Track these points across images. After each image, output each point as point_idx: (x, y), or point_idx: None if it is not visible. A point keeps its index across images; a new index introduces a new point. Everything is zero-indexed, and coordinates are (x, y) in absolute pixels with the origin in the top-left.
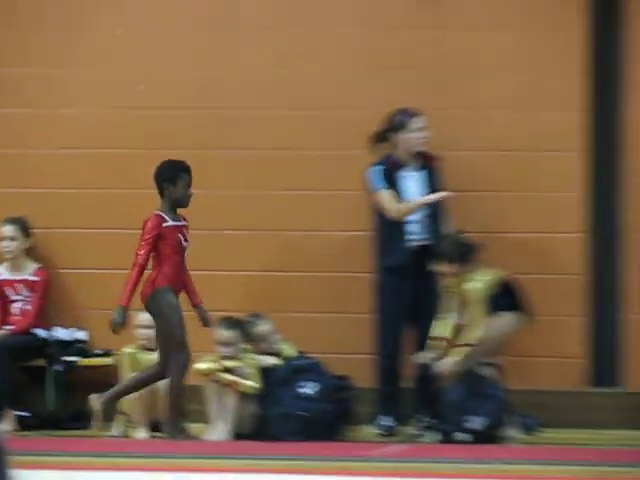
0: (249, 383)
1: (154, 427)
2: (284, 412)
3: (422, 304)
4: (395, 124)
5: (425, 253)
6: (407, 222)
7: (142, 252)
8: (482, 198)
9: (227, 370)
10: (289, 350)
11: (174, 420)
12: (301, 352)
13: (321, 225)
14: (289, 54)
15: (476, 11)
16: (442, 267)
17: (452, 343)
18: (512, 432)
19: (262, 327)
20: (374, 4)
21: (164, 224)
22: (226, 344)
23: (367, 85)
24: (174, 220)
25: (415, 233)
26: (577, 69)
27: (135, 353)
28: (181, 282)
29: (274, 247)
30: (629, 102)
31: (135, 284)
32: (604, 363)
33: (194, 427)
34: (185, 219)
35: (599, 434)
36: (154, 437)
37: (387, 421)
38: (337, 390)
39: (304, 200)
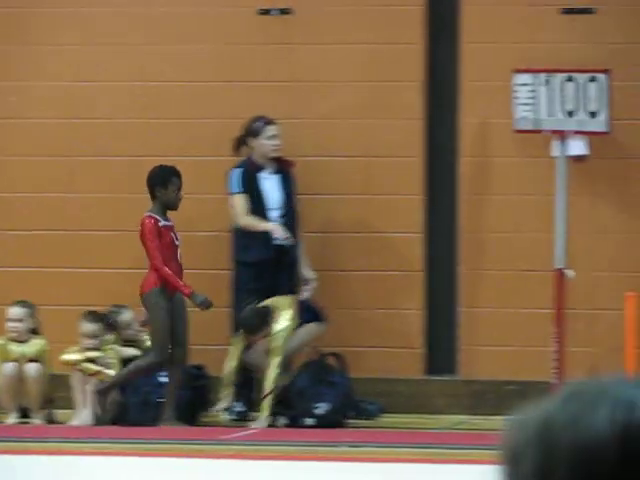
0: (111, 372)
1: (23, 413)
2: (144, 399)
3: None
4: (252, 130)
5: (281, 252)
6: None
7: (156, 253)
8: (331, 201)
9: (91, 360)
10: (147, 342)
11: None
12: None
13: (186, 226)
14: (146, 68)
15: (323, 27)
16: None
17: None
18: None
19: (124, 316)
20: (228, 21)
21: (159, 224)
22: (90, 336)
23: (223, 97)
24: (167, 221)
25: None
26: (416, 81)
27: (5, 345)
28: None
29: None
30: (463, 112)
31: (174, 276)
32: (441, 353)
33: (61, 413)
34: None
35: (436, 419)
36: (23, 422)
37: (239, 406)
38: (193, 378)
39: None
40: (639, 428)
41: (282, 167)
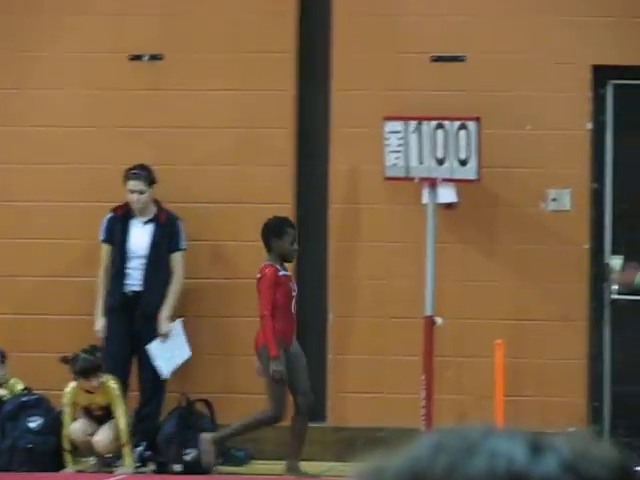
0: None
1: None
2: (11, 444)
3: (139, 345)
4: (124, 178)
5: (139, 298)
6: (125, 269)
7: (267, 304)
8: (202, 247)
9: None
10: (17, 385)
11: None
12: (27, 388)
13: (61, 271)
14: (15, 113)
15: (194, 74)
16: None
17: None
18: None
19: None
20: (100, 66)
21: (279, 273)
22: None
23: (94, 143)
24: (285, 270)
25: (131, 279)
26: (286, 128)
27: None
28: (292, 330)
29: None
30: (333, 159)
31: (273, 332)
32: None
33: None
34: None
35: (305, 466)
36: None
37: (141, 449)
38: (60, 424)
39: (43, 246)
40: (516, 477)
41: (155, 216)
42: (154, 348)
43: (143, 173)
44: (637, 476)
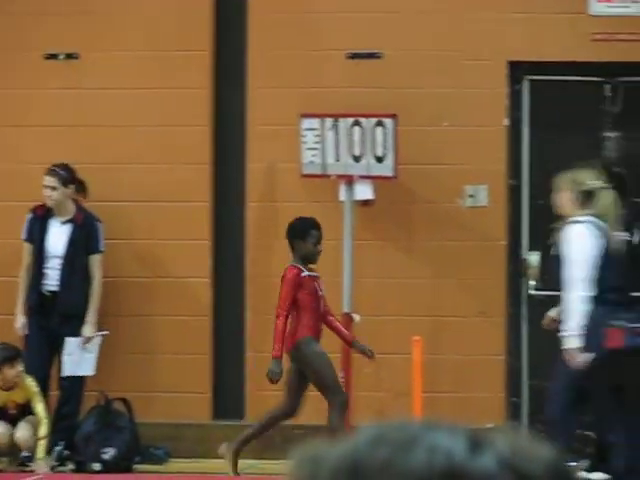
0: None
1: None
2: None
3: (57, 345)
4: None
5: (56, 298)
6: (43, 268)
7: (285, 305)
8: (119, 245)
9: None
10: None
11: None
12: None
13: None
14: None
15: (110, 72)
16: None
17: None
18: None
19: None
20: (15, 65)
21: (302, 274)
22: None
23: (10, 142)
24: (309, 271)
25: (49, 279)
26: (203, 126)
27: None
28: (320, 329)
29: None
30: (250, 157)
31: (283, 334)
32: (228, 397)
33: None
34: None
35: (224, 463)
36: None
37: (60, 449)
38: None
39: None
40: (460, 474)
41: (74, 216)
42: (71, 344)
43: (60, 171)
44: (571, 473)
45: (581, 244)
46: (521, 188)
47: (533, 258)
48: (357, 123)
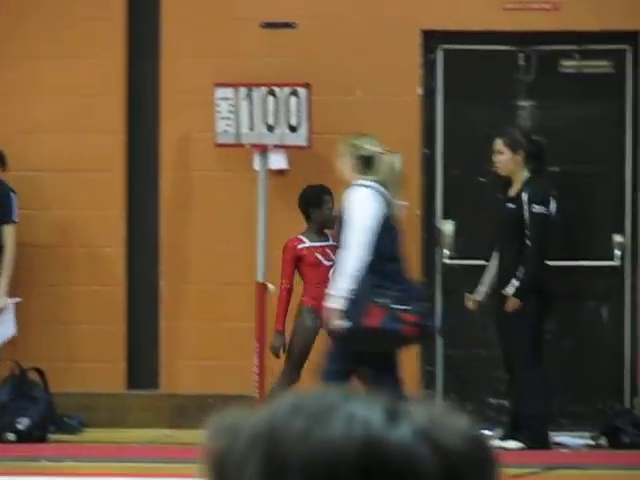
0: None
1: None
2: None
3: None
4: None
5: None
6: None
7: (284, 276)
8: (31, 215)
9: None
10: None
11: None
12: None
13: None
14: None
15: (21, 42)
16: None
17: None
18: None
19: None
20: None
21: (299, 245)
22: None
23: None
24: (317, 241)
25: None
26: (117, 96)
27: None
28: (322, 299)
29: None
30: (164, 127)
31: (283, 305)
32: (143, 367)
33: None
34: (333, 239)
35: (138, 433)
36: None
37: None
38: None
39: None
40: (377, 444)
41: None
42: None
43: None
44: (487, 442)
45: (363, 208)
46: (435, 157)
47: (447, 227)
48: (271, 93)
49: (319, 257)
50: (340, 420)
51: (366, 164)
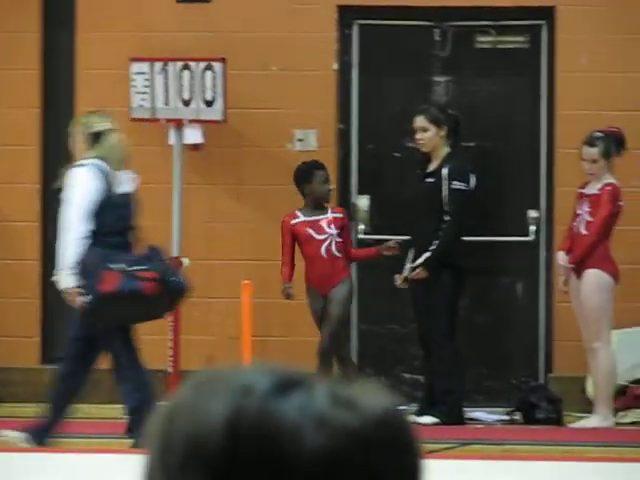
0: None
1: None
2: None
3: None
4: None
5: None
6: None
7: (282, 253)
8: None
9: None
10: None
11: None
12: None
13: None
14: None
15: None
16: None
17: None
18: None
19: None
20: None
21: (292, 221)
22: None
23: None
24: (312, 215)
25: None
26: (32, 70)
27: None
28: (318, 275)
29: None
30: (79, 101)
31: (285, 280)
32: (58, 341)
33: None
34: (339, 211)
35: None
36: None
37: None
38: None
39: None
40: (249, 411)
41: None
42: None
43: None
44: (401, 425)
45: (81, 187)
46: (350, 132)
47: (362, 202)
48: (186, 67)
49: (309, 231)
50: (222, 392)
51: (94, 141)
